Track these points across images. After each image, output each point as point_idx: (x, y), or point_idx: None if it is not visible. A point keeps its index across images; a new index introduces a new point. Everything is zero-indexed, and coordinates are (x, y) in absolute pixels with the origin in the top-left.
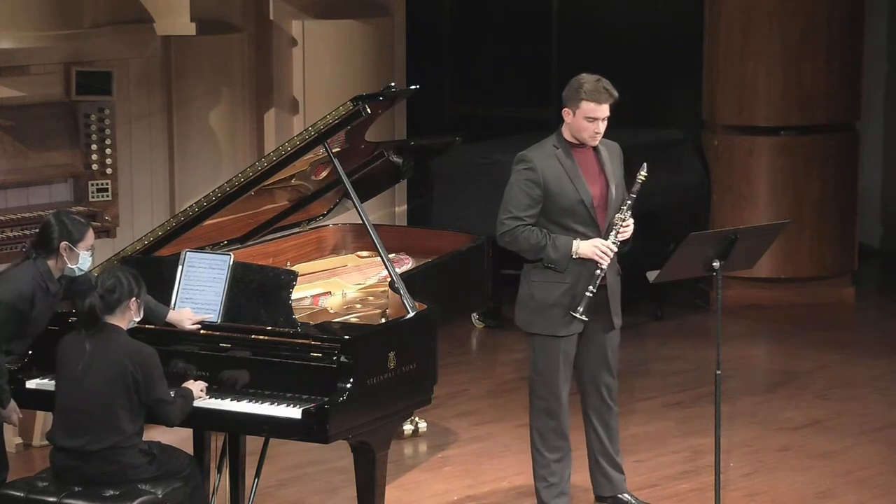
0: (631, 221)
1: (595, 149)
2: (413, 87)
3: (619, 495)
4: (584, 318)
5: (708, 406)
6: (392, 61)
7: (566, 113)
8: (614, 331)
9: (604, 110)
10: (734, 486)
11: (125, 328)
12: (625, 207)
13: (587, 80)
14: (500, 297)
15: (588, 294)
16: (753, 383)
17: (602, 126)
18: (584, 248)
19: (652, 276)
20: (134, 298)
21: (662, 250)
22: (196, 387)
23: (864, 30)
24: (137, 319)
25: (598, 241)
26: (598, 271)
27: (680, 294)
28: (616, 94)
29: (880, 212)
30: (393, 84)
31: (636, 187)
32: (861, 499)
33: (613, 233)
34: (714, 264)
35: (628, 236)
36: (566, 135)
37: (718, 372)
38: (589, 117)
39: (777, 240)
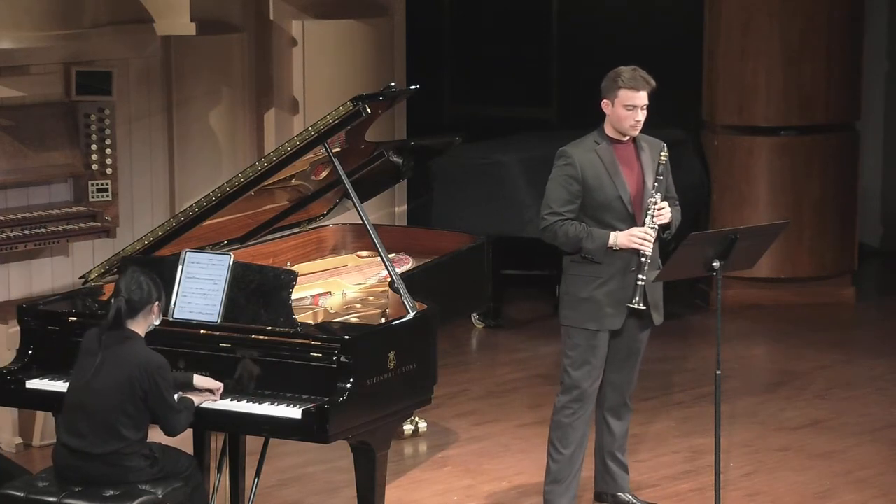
0: (665, 204)
1: (636, 145)
2: (413, 87)
3: (620, 494)
4: (641, 306)
5: (708, 406)
6: (392, 61)
7: (605, 105)
8: (648, 330)
9: (642, 98)
10: (734, 486)
11: (144, 333)
12: (653, 190)
13: (624, 70)
14: (500, 297)
15: (639, 283)
16: (753, 383)
17: (642, 115)
18: (622, 238)
19: (652, 276)
20: (157, 303)
21: (662, 250)
22: (200, 398)
23: (864, 30)
24: (157, 323)
25: (634, 230)
26: (643, 258)
27: (680, 294)
28: (653, 82)
29: (880, 212)
30: (393, 84)
31: (660, 168)
32: (861, 499)
33: (649, 217)
34: (714, 264)
35: (667, 220)
36: (607, 130)
37: (718, 372)
38: (627, 105)
39: (777, 240)
